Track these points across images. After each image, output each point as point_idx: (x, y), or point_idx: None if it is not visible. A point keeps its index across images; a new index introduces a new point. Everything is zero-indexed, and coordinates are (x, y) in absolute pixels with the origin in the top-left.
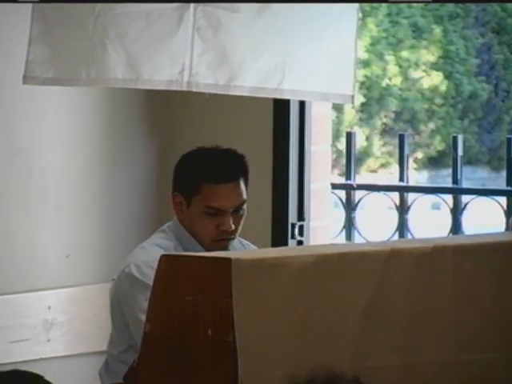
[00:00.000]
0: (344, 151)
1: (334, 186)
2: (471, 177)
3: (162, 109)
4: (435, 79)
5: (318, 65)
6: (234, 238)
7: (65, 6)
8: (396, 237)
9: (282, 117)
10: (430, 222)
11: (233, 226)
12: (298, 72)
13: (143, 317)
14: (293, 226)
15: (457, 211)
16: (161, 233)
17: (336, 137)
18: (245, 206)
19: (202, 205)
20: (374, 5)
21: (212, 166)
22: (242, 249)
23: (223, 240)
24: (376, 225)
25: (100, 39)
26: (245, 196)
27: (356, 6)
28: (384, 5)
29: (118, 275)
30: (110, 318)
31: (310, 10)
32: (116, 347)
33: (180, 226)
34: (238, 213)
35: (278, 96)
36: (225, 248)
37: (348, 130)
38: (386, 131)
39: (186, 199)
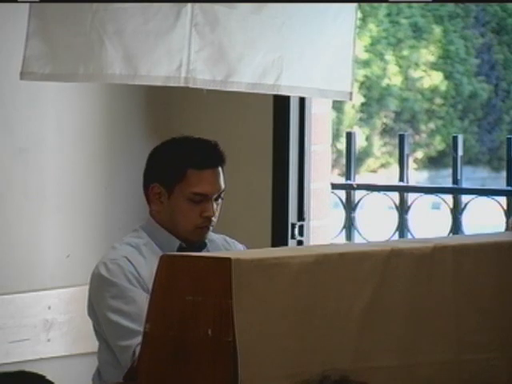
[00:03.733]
0: (344, 151)
1: (334, 186)
2: (471, 177)
3: (162, 109)
4: (435, 79)
5: (316, 61)
6: (212, 226)
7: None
8: (396, 237)
9: (282, 116)
10: (430, 221)
11: (216, 212)
12: (296, 68)
13: (110, 314)
14: (293, 225)
15: (457, 211)
16: (133, 232)
17: (336, 137)
18: (223, 195)
19: (187, 191)
20: (374, 5)
21: (195, 153)
22: (227, 246)
23: (205, 227)
24: (376, 225)
25: (98, 35)
26: (224, 184)
27: (354, 3)
28: (384, 5)
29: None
30: (92, 327)
31: (309, 7)
32: (103, 353)
33: (152, 221)
34: (217, 200)
35: (276, 92)
36: (204, 236)
37: (348, 130)
38: (386, 131)
39: (168, 189)
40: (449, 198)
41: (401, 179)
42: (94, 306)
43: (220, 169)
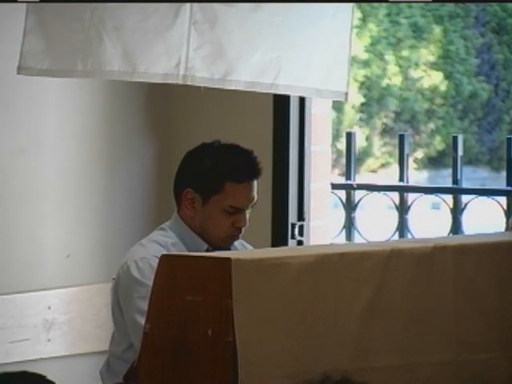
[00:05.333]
0: (344, 151)
1: (334, 186)
2: (471, 177)
3: (162, 108)
4: (435, 79)
5: (313, 61)
6: (242, 234)
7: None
8: (396, 237)
9: (282, 117)
10: (430, 221)
11: (247, 223)
12: (294, 68)
13: (137, 316)
14: (293, 226)
15: (457, 211)
16: (160, 230)
17: (336, 137)
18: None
19: (224, 204)
20: (374, 5)
21: (234, 166)
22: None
23: (235, 236)
24: (376, 225)
25: (96, 31)
26: (257, 194)
27: (351, 3)
28: (384, 5)
29: (117, 273)
30: (112, 317)
31: (307, 7)
32: (118, 346)
33: (181, 222)
34: (248, 209)
35: (273, 91)
36: (233, 243)
37: (348, 130)
38: (386, 131)
39: (203, 197)
40: (449, 197)
41: (401, 179)
42: (122, 304)
43: (256, 180)
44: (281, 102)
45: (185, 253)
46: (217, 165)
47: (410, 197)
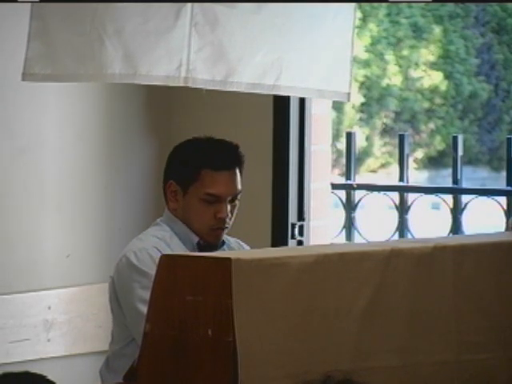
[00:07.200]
0: (344, 151)
1: (334, 186)
2: (471, 177)
3: (162, 109)
4: (435, 79)
5: (314, 62)
6: (227, 228)
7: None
8: (396, 237)
9: (282, 117)
10: (430, 221)
11: (229, 214)
12: (295, 69)
13: (139, 305)
14: (293, 226)
15: (457, 211)
16: (155, 226)
17: (336, 137)
18: (239, 197)
19: (201, 192)
20: (374, 5)
21: (211, 153)
22: (241, 250)
23: (219, 229)
24: (376, 225)
25: (98, 35)
26: (240, 186)
27: (353, 4)
28: (384, 5)
29: (114, 268)
30: (111, 314)
31: (308, 8)
32: (117, 343)
33: (172, 216)
34: (232, 202)
35: (275, 92)
36: (219, 237)
37: (348, 130)
38: (386, 131)
39: (183, 187)
40: (449, 197)
41: (401, 179)
42: (119, 294)
43: (237, 171)
44: (281, 102)
45: (185, 253)
46: (194, 153)
47: (410, 197)
